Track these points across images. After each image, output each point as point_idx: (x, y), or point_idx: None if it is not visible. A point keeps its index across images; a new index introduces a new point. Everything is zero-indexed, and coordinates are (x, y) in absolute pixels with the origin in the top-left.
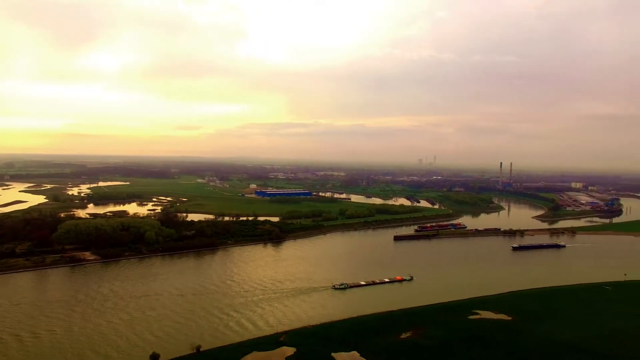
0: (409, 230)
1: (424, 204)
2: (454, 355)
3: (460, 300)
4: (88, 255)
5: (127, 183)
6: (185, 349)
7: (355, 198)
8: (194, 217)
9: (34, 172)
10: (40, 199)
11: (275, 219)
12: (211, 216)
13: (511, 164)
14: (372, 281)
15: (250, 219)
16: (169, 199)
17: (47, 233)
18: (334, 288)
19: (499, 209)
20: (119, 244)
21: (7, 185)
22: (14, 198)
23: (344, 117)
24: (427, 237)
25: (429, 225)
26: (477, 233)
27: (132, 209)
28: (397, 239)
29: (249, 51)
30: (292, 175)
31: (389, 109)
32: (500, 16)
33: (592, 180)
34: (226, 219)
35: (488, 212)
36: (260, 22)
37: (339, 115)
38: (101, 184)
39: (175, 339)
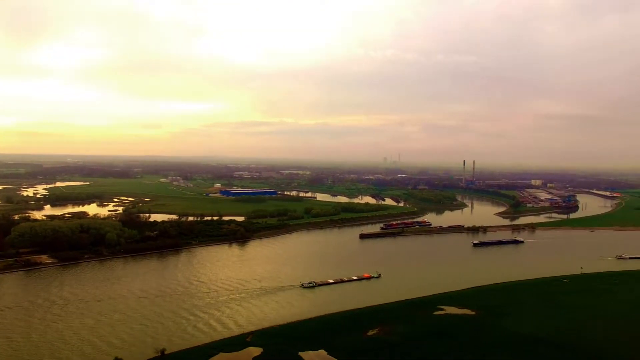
0: (375, 229)
1: (389, 202)
2: (419, 350)
3: (426, 297)
4: (45, 259)
5: (87, 183)
6: (150, 352)
7: (320, 197)
8: (157, 217)
9: None
10: None
11: (240, 218)
12: (175, 216)
13: (474, 162)
14: (341, 279)
15: (215, 218)
16: (131, 199)
17: (0, 236)
18: (302, 287)
19: (462, 206)
20: (78, 246)
21: None
22: None
23: (309, 116)
24: (393, 234)
25: (394, 223)
26: (441, 230)
27: (92, 210)
28: (363, 237)
29: (214, 49)
30: (257, 174)
31: (353, 108)
32: (461, 17)
33: (551, 178)
34: (190, 219)
35: (452, 209)
36: (225, 20)
37: (304, 114)
38: (59, 184)
39: (142, 341)
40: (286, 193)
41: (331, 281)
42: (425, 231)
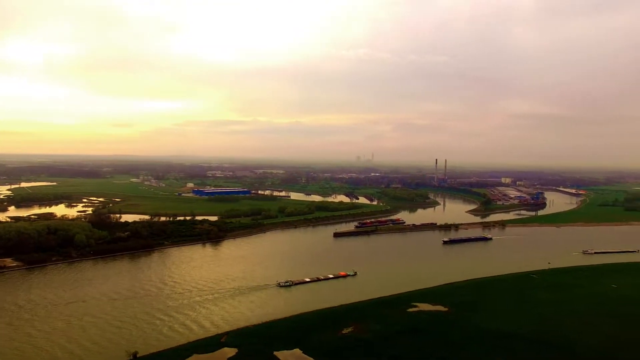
0: (349, 227)
1: (363, 200)
2: (393, 347)
3: (400, 294)
4: (9, 262)
5: (54, 183)
6: (122, 355)
7: (294, 196)
8: (128, 217)
9: None
10: None
11: (213, 218)
12: (147, 216)
13: (445, 160)
14: (317, 278)
15: (188, 218)
16: (100, 199)
17: None
18: (279, 286)
19: (435, 204)
20: (45, 248)
21: None
22: None
23: (283, 114)
24: (367, 233)
25: (368, 221)
26: (414, 228)
27: (60, 210)
28: (337, 235)
29: (187, 47)
30: (231, 173)
31: (327, 107)
32: (434, 18)
33: (520, 176)
34: (162, 219)
35: (425, 207)
36: (199, 19)
37: (278, 113)
38: (24, 184)
39: (115, 344)
40: (260, 192)
41: (308, 280)
42: (398, 229)
